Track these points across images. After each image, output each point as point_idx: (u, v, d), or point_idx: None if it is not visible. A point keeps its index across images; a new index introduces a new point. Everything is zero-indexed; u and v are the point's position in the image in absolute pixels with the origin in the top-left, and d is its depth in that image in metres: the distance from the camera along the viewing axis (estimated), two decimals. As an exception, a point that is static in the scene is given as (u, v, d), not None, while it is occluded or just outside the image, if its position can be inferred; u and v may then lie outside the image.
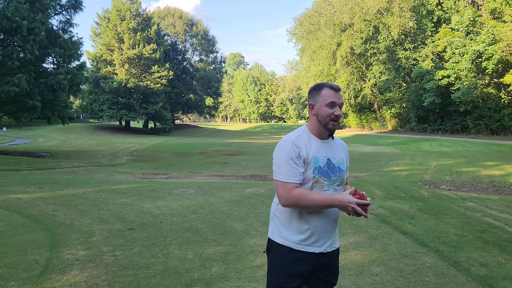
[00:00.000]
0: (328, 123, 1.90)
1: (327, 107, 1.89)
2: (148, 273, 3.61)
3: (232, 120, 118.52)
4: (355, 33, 41.70)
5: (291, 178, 1.83)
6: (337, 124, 1.93)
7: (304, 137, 1.94)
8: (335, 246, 1.99)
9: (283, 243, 1.91)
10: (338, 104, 1.90)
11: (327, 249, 1.94)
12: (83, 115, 64.19)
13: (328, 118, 1.90)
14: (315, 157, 1.89)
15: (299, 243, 1.89)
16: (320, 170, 1.89)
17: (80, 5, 21.73)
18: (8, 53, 17.27)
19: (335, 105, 1.90)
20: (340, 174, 1.95)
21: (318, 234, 1.90)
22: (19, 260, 3.90)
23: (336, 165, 1.94)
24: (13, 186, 8.35)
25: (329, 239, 1.95)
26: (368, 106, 47.88)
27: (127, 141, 33.55)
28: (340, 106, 1.92)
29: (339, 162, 1.97)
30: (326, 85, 1.94)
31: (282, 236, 1.92)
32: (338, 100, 1.90)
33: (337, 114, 1.90)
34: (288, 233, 1.91)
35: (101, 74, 45.66)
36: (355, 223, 5.39)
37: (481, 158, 17.69)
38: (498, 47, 28.66)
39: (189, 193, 7.68)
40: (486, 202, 7.57)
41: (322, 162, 1.91)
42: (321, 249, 1.92)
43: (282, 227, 1.93)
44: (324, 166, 1.91)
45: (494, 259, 4.00)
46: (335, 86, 1.92)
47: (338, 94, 1.91)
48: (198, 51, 65.09)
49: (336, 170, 1.93)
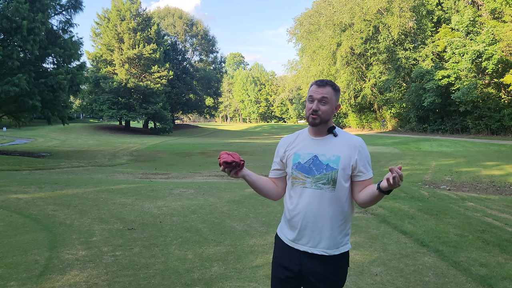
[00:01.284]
0: (309, 117, 1.89)
1: (307, 102, 1.90)
2: (148, 273, 3.61)
3: (232, 120, 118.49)
4: (355, 33, 41.69)
5: (270, 173, 2.07)
6: (318, 119, 1.86)
7: (293, 137, 2.01)
8: (326, 251, 1.85)
9: (278, 234, 2.05)
10: (316, 98, 1.86)
11: (312, 250, 1.86)
12: (83, 115, 64.18)
13: (308, 113, 1.88)
14: (296, 154, 1.92)
15: (286, 237, 1.97)
16: (299, 167, 1.89)
17: (80, 5, 21.74)
18: (8, 53, 17.27)
19: (313, 100, 1.87)
20: (329, 172, 1.84)
21: (301, 229, 1.88)
22: (19, 260, 3.90)
23: (324, 162, 1.85)
24: (13, 186, 8.34)
25: (315, 238, 1.85)
26: (368, 106, 47.87)
27: (127, 141, 33.54)
28: (320, 100, 1.86)
29: (330, 160, 1.85)
30: (315, 82, 1.92)
31: (280, 227, 2.06)
32: (317, 94, 1.86)
33: (314, 108, 1.86)
34: (282, 225, 2.03)
35: (101, 74, 45.65)
36: (355, 223, 5.40)
37: (481, 158, 17.68)
38: (498, 47, 28.66)
39: (189, 193, 7.68)
40: (486, 202, 7.57)
41: (303, 159, 1.89)
42: (305, 247, 1.87)
43: (282, 219, 2.06)
44: (306, 163, 1.88)
45: (494, 259, 4.00)
46: (320, 82, 1.89)
47: (319, 89, 1.87)
48: (198, 51, 65.11)
49: (323, 167, 1.85)
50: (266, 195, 2.02)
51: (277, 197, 2.04)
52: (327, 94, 1.87)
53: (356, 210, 6.21)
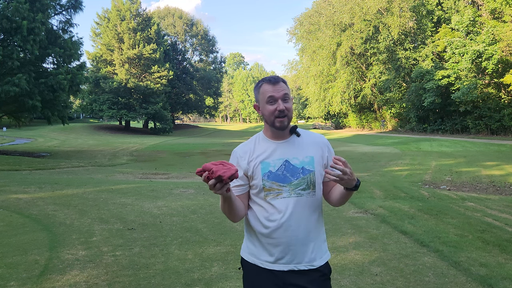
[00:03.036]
0: (274, 121, 1.65)
1: (268, 104, 1.66)
2: (148, 273, 3.61)
3: (232, 120, 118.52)
4: (355, 33, 41.69)
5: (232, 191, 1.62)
6: (287, 120, 1.66)
7: (251, 145, 1.74)
8: (313, 264, 1.67)
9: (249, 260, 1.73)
10: (278, 97, 1.64)
11: (298, 267, 1.65)
12: (83, 115, 64.18)
13: (272, 116, 1.65)
14: (263, 162, 1.67)
15: (262, 260, 1.68)
16: (271, 176, 1.66)
17: (80, 5, 21.75)
18: (8, 53, 17.28)
19: (275, 99, 1.64)
20: (306, 176, 1.66)
21: (284, 247, 1.65)
22: (19, 260, 3.90)
23: (298, 166, 1.67)
24: (13, 186, 8.35)
25: (301, 253, 1.66)
26: (368, 106, 47.87)
27: (127, 141, 33.54)
28: (283, 98, 1.65)
29: (304, 162, 1.68)
30: (264, 80, 1.70)
31: (248, 251, 1.75)
32: (277, 93, 1.64)
33: (280, 108, 1.63)
34: (252, 248, 1.73)
35: (101, 74, 45.67)
36: (355, 223, 5.40)
37: (481, 158, 17.68)
38: (498, 47, 28.66)
39: (189, 193, 7.68)
40: (486, 202, 7.56)
41: (274, 166, 1.66)
42: (290, 266, 1.65)
43: (248, 241, 1.76)
44: (279, 170, 1.66)
45: (494, 259, 4.00)
46: (272, 79, 1.68)
47: (276, 87, 1.65)
48: (198, 51, 65.14)
49: (298, 171, 1.66)
50: (236, 215, 1.67)
51: (242, 217, 1.72)
52: (286, 90, 1.67)
53: (356, 210, 6.21)
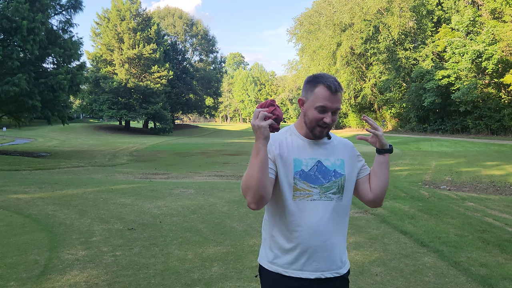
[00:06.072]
0: (315, 128, 1.56)
1: (316, 110, 1.54)
2: (148, 273, 3.61)
3: (232, 120, 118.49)
4: (355, 33, 41.71)
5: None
6: (327, 130, 1.57)
7: (282, 135, 1.62)
8: (338, 272, 1.59)
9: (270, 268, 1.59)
10: (331, 109, 1.53)
11: (325, 274, 1.55)
12: (83, 115, 64.15)
13: (315, 123, 1.55)
14: (296, 160, 1.55)
15: (285, 267, 1.56)
16: (303, 175, 1.54)
17: (80, 5, 21.74)
18: (8, 53, 17.28)
19: (326, 111, 1.53)
20: (337, 179, 1.58)
21: (312, 253, 1.54)
22: (19, 260, 3.90)
23: (331, 168, 1.58)
24: (13, 186, 8.35)
25: (329, 259, 1.56)
26: (368, 106, 47.87)
27: (127, 141, 33.52)
28: (334, 111, 1.54)
29: (336, 165, 1.59)
30: (323, 82, 1.54)
31: (268, 257, 1.61)
32: (332, 104, 1.53)
33: (327, 121, 1.53)
34: (272, 254, 1.59)
35: (101, 74, 45.65)
36: (355, 223, 5.39)
37: (481, 158, 17.68)
38: (498, 47, 28.68)
39: (189, 193, 7.68)
40: (486, 202, 7.56)
41: (307, 166, 1.56)
42: (317, 274, 1.55)
43: (267, 247, 1.62)
44: (311, 170, 1.56)
45: (494, 259, 4.00)
46: (333, 86, 1.52)
47: (334, 97, 1.53)
48: (198, 51, 65.11)
49: (330, 174, 1.57)
50: (266, 189, 1.46)
51: (267, 199, 1.49)
52: (340, 103, 1.56)
53: (356, 210, 6.21)
